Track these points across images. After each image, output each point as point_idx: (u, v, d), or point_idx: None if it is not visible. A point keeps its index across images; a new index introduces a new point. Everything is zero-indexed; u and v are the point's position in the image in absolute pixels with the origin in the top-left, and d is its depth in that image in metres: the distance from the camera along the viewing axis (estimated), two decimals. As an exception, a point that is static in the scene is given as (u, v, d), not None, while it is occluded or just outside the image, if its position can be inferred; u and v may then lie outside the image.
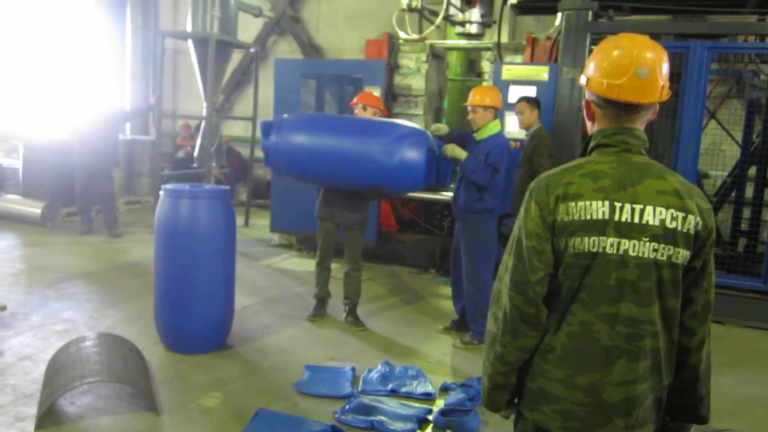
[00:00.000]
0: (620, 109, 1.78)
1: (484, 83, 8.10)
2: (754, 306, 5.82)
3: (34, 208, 8.36)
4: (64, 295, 5.56)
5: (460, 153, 4.72)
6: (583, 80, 1.86)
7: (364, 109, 5.25)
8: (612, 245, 1.71)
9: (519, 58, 7.39)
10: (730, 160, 7.49)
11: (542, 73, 6.43)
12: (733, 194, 7.42)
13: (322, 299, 5.37)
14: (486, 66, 8.36)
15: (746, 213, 7.20)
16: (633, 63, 1.73)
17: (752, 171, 7.17)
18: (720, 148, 7.52)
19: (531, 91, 6.11)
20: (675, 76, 5.79)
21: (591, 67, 1.82)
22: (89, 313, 5.15)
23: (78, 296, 5.57)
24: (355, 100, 5.36)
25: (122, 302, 5.46)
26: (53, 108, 10.47)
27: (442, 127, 5.00)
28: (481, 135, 4.84)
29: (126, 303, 5.44)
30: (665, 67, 1.76)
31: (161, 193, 4.37)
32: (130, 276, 6.32)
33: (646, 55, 1.73)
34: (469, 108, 4.87)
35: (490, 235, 4.88)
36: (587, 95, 1.86)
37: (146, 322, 4.82)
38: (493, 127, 4.85)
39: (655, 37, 5.94)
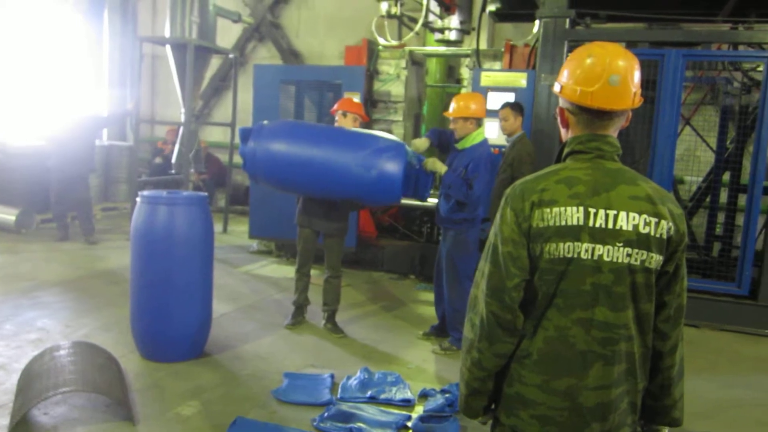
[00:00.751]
0: (593, 116, 1.80)
1: (464, 90, 8.15)
2: (728, 310, 5.90)
3: (8, 215, 8.22)
4: (38, 303, 5.48)
5: (440, 167, 4.70)
6: (557, 88, 1.88)
7: (344, 115, 5.23)
8: (587, 251, 1.72)
9: (498, 65, 7.44)
10: (705, 166, 7.61)
11: (521, 79, 6.48)
12: (708, 199, 7.53)
13: (300, 306, 5.35)
14: (465, 72, 8.41)
15: (721, 218, 7.31)
16: (605, 70, 1.75)
17: (726, 177, 7.30)
18: (695, 154, 7.63)
19: (510, 98, 6.12)
20: (650, 83, 5.87)
21: (565, 75, 1.84)
22: (64, 322, 5.07)
23: (52, 304, 5.49)
24: (335, 106, 5.34)
25: (98, 310, 5.39)
26: (28, 113, 10.33)
27: (421, 145, 4.97)
28: (464, 144, 4.80)
29: (102, 311, 5.37)
30: (637, 75, 1.79)
31: (138, 199, 4.33)
32: (107, 283, 6.24)
33: (618, 63, 1.76)
34: (450, 118, 4.84)
35: (471, 243, 4.88)
36: (561, 103, 1.88)
37: (122, 330, 4.76)
38: (475, 137, 4.79)
39: (631, 44, 6.04)
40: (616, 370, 1.76)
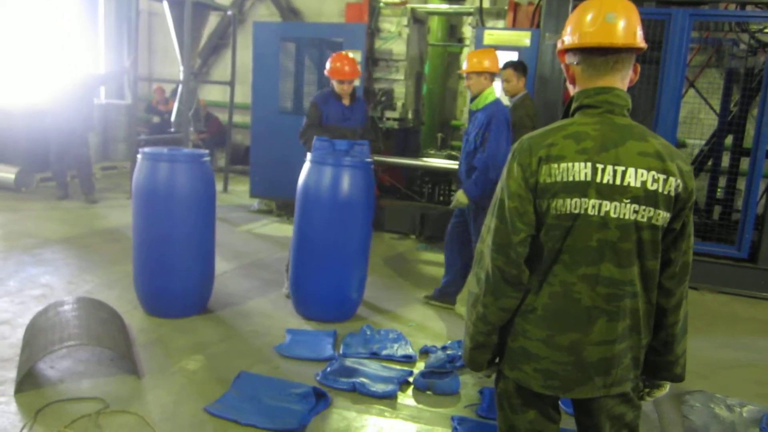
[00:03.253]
0: (597, 57, 1.79)
1: (466, 49, 8.06)
2: (727, 272, 5.94)
3: (8, 174, 8.19)
4: (41, 260, 5.50)
5: (463, 198, 4.58)
6: (559, 45, 1.87)
7: (341, 82, 5.07)
8: (594, 207, 1.72)
9: (501, 24, 7.34)
10: (708, 129, 7.57)
11: (524, 38, 6.39)
12: (710, 163, 7.51)
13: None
14: (467, 31, 8.32)
15: (722, 182, 7.31)
16: (602, 10, 1.76)
17: (729, 140, 7.27)
18: (698, 116, 7.59)
19: (513, 57, 6.02)
20: (656, 44, 5.79)
21: (567, 30, 1.85)
22: (67, 278, 5.10)
23: (55, 261, 5.51)
24: (327, 67, 5.09)
25: (100, 267, 5.42)
26: (25, 73, 10.20)
27: (462, 201, 4.80)
28: (477, 105, 4.64)
29: (104, 268, 5.40)
30: (636, 18, 1.78)
31: (139, 156, 4.30)
32: (108, 241, 6.25)
33: (614, 4, 1.77)
34: (464, 75, 4.67)
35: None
36: (567, 59, 1.87)
37: (125, 287, 4.80)
38: (488, 96, 4.60)
39: (638, 3, 5.93)
40: (620, 325, 1.78)
